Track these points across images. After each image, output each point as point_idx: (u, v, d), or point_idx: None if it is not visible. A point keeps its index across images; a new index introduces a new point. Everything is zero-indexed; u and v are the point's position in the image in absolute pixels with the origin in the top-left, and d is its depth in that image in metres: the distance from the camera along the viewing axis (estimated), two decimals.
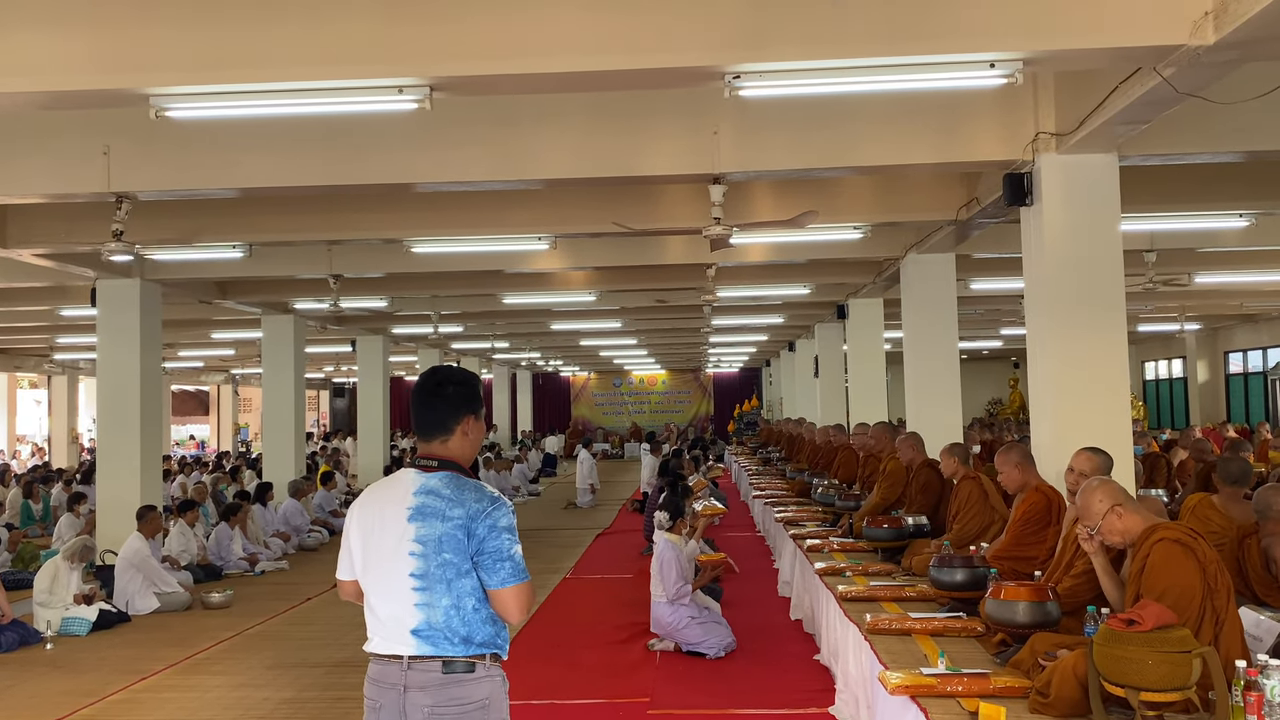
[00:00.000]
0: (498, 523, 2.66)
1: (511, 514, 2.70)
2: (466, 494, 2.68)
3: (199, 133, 6.36)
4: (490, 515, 2.66)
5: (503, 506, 2.69)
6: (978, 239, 9.17)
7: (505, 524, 2.67)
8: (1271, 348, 20.93)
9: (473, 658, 2.67)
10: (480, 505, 2.67)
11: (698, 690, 6.08)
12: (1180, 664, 3.14)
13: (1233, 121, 5.73)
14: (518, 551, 2.67)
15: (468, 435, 2.80)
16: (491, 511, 2.66)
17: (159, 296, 11.13)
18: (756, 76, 4.63)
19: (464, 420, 2.80)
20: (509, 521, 2.68)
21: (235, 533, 11.09)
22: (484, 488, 2.72)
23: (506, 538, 2.65)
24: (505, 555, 2.64)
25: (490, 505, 2.67)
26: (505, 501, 2.71)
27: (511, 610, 2.68)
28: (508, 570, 2.64)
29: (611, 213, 7.80)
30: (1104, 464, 4.76)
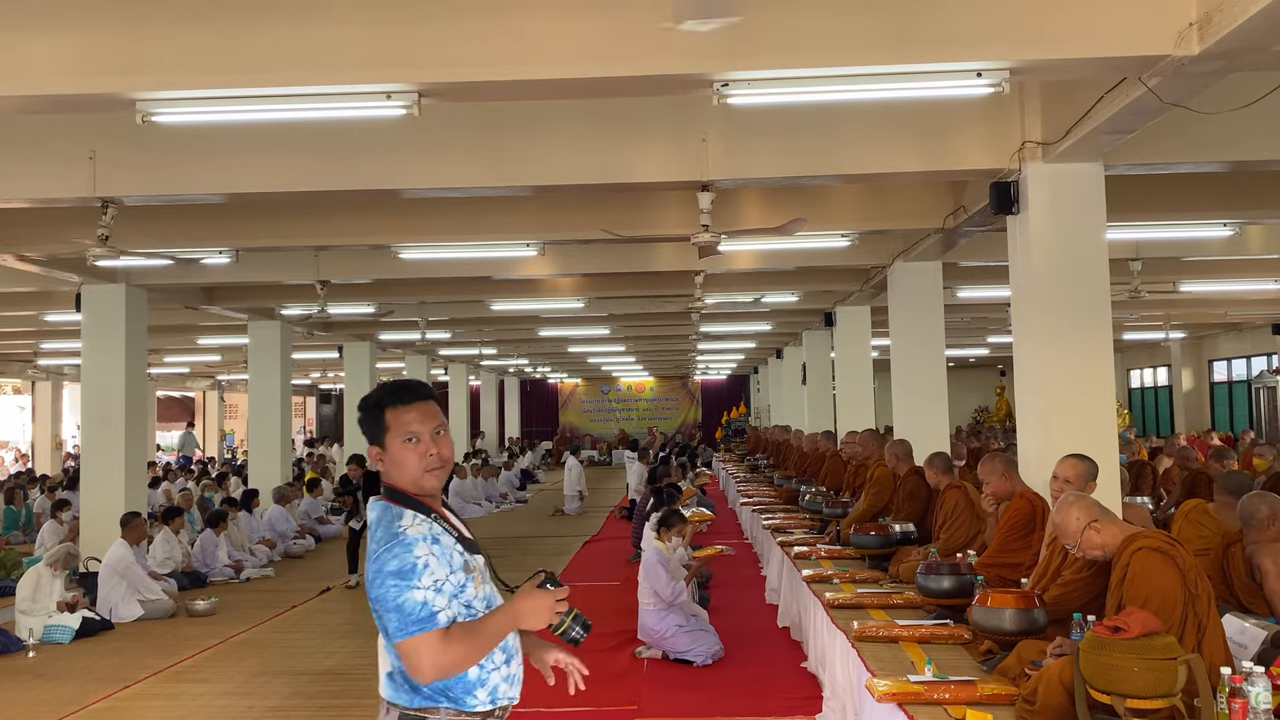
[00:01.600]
0: (383, 566, 2.30)
1: (404, 554, 2.30)
2: (378, 531, 2.38)
3: (185, 137, 6.33)
4: (377, 559, 2.32)
5: (394, 547, 2.31)
6: (964, 247, 9.21)
7: (393, 568, 2.29)
8: (1255, 356, 21.07)
9: (421, 710, 2.38)
10: (374, 547, 2.35)
11: (685, 698, 6.07)
12: (1166, 671, 3.15)
13: (1217, 131, 5.78)
14: (409, 600, 2.27)
15: (381, 462, 2.48)
16: (380, 555, 2.32)
17: (144, 302, 11.06)
18: (745, 85, 4.64)
19: (369, 451, 2.50)
20: (398, 564, 2.29)
21: (220, 540, 11.02)
22: (394, 522, 2.37)
23: (392, 585, 2.28)
24: (390, 605, 2.28)
25: (380, 546, 2.33)
26: (402, 538, 2.32)
27: (413, 668, 2.30)
28: (394, 623, 2.28)
29: (600, 219, 7.80)
30: (1088, 470, 4.78)
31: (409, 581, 2.28)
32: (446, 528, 2.42)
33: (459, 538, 2.43)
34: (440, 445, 2.47)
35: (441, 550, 2.36)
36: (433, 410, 2.49)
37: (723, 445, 27.51)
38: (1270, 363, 20.21)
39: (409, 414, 2.45)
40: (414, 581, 2.29)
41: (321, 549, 13.28)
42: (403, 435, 2.44)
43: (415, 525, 2.35)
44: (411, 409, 2.46)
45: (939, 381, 9.74)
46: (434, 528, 2.38)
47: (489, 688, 2.41)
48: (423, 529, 2.35)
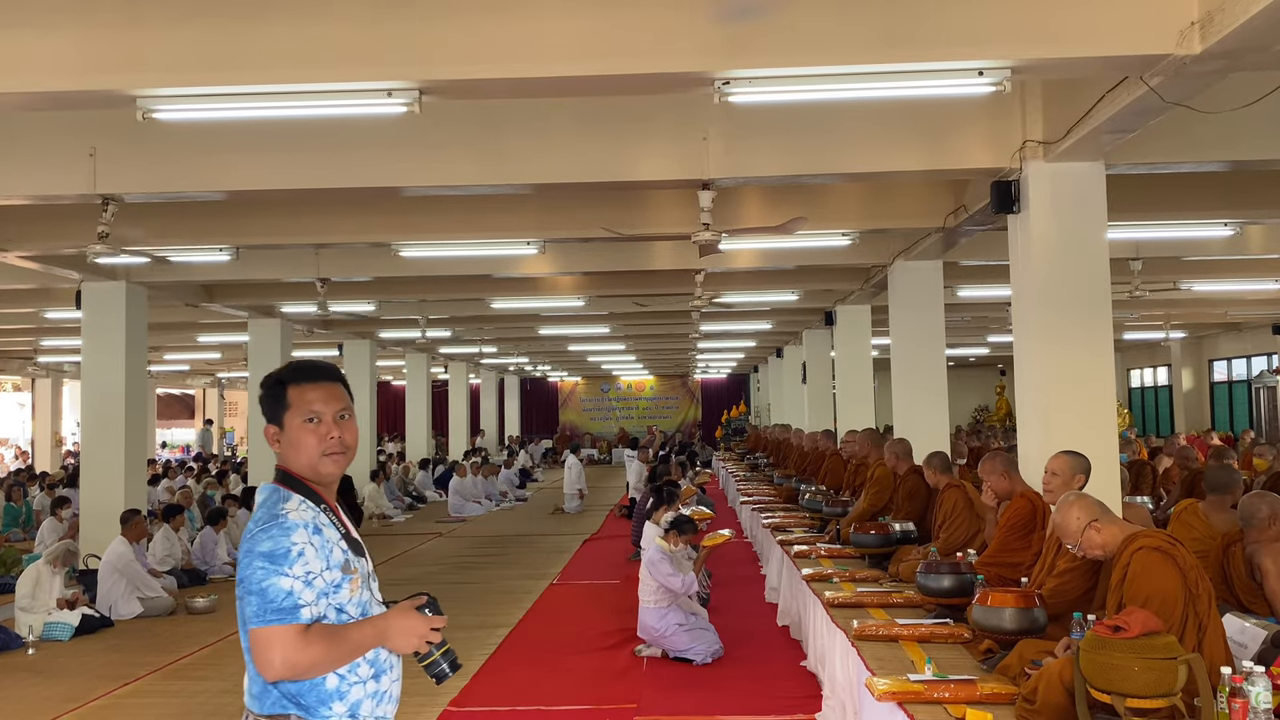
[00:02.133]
0: (255, 546, 2.13)
1: (281, 537, 2.13)
2: (259, 512, 2.22)
3: (186, 135, 6.32)
4: (252, 538, 2.16)
5: (271, 528, 2.14)
6: (965, 246, 9.21)
7: (265, 548, 2.12)
8: (1256, 356, 21.07)
9: (269, 717, 2.16)
10: (250, 526, 2.19)
11: (685, 696, 6.07)
12: (1166, 670, 3.15)
13: (1218, 131, 5.78)
14: (274, 586, 2.09)
15: (277, 444, 2.31)
16: (255, 534, 2.15)
17: (144, 299, 11.06)
18: (746, 83, 4.64)
19: (265, 431, 2.33)
20: (271, 546, 2.12)
21: (220, 537, 11.02)
22: (278, 504, 2.20)
23: (260, 566, 2.11)
24: (254, 587, 2.10)
25: (256, 526, 2.17)
26: (282, 520, 2.16)
27: (261, 661, 2.10)
28: (253, 607, 2.10)
29: (601, 218, 7.80)
30: (1076, 464, 4.76)
31: (279, 566, 2.11)
32: (334, 521, 2.27)
33: (345, 535, 2.28)
34: (343, 430, 2.31)
35: (322, 542, 2.19)
36: (339, 392, 2.34)
37: (722, 444, 27.50)
38: (1270, 362, 20.20)
39: (313, 392, 2.30)
40: (284, 567, 2.11)
41: None
42: (304, 414, 2.28)
43: (299, 510, 2.19)
44: (316, 388, 2.30)
45: (939, 381, 9.73)
46: (319, 517, 2.22)
47: (348, 702, 2.20)
48: (306, 515, 2.19)
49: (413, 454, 21.87)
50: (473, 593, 9.86)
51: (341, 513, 2.32)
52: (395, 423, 29.78)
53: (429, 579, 10.75)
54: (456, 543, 13.72)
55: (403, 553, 12.70)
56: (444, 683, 2.32)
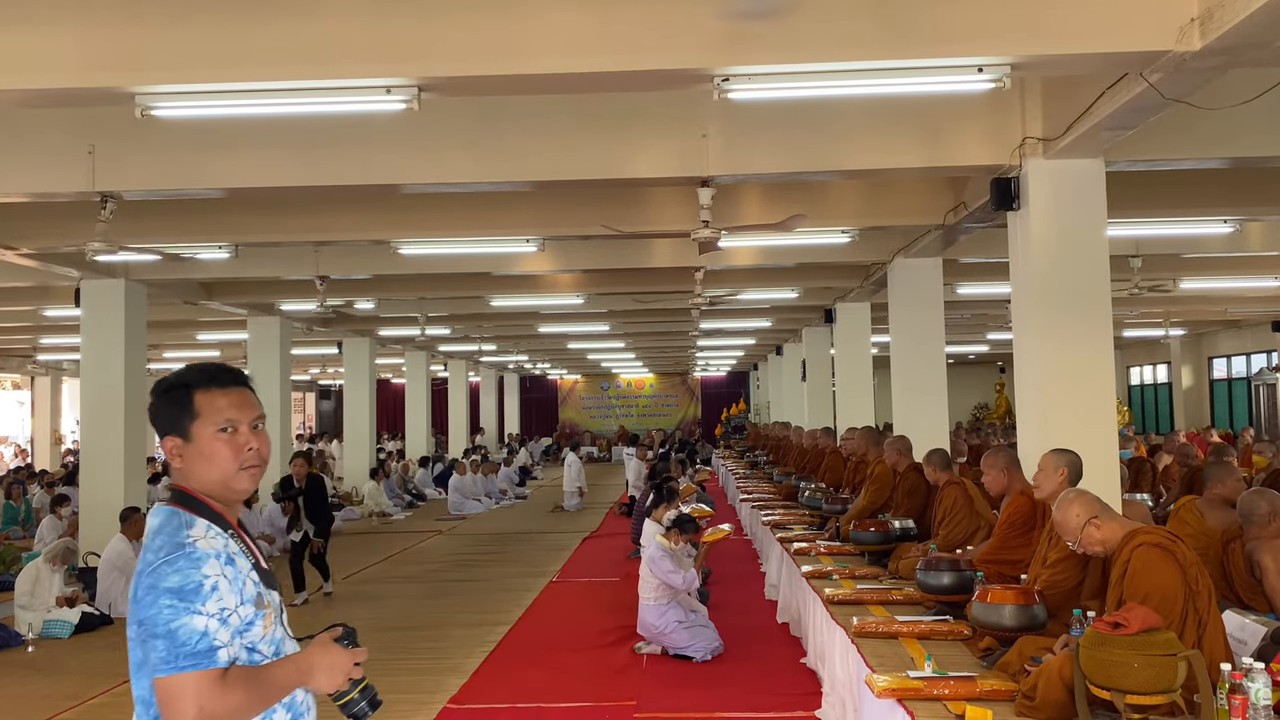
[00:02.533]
0: (160, 581, 1.85)
1: (190, 570, 1.87)
2: (156, 540, 1.93)
3: (185, 132, 6.32)
4: (154, 571, 1.87)
5: (178, 560, 1.87)
6: (965, 244, 9.20)
7: (172, 584, 1.85)
8: (1255, 353, 21.07)
9: None
10: (154, 557, 1.89)
11: (685, 693, 6.07)
12: (1166, 667, 3.15)
13: (1218, 127, 5.78)
14: (186, 626, 1.83)
15: (180, 458, 2.03)
16: (158, 567, 1.87)
17: (144, 297, 11.05)
18: (745, 79, 4.63)
19: (164, 443, 2.05)
20: (180, 580, 1.85)
21: None
22: (180, 530, 1.92)
23: (168, 605, 1.84)
24: (160, 629, 1.83)
25: (158, 557, 1.88)
26: (190, 550, 1.89)
27: (169, 713, 1.83)
28: (161, 652, 1.82)
29: (600, 215, 7.79)
30: (1063, 461, 4.75)
31: (190, 604, 1.84)
32: (244, 549, 2.01)
33: (255, 565, 2.02)
34: (260, 440, 2.08)
35: (235, 574, 1.94)
36: (251, 399, 2.11)
37: (722, 442, 27.50)
38: (1270, 360, 20.20)
39: (224, 399, 2.05)
40: (195, 605, 1.84)
41: None
42: (216, 423, 2.02)
43: (208, 539, 1.93)
44: (228, 393, 2.06)
45: (939, 378, 9.73)
46: (230, 545, 1.97)
47: None
48: (216, 544, 1.94)
49: (412, 452, 21.87)
50: (473, 590, 9.86)
51: (249, 538, 2.07)
52: (395, 421, 29.77)
53: (429, 576, 10.76)
54: (456, 540, 13.72)
55: (402, 550, 12.70)
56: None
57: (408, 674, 6.71)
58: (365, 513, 16.34)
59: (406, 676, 6.65)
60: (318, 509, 9.66)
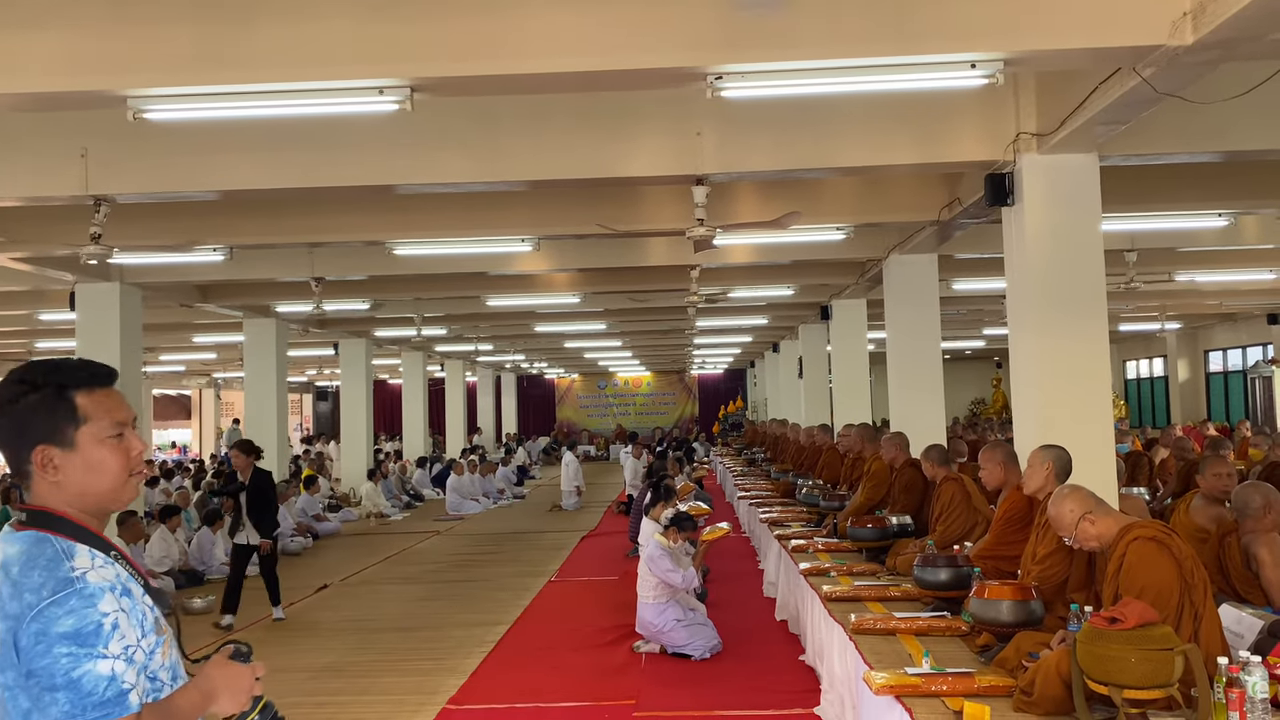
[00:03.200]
0: (51, 626, 1.59)
1: (85, 609, 1.62)
2: (32, 575, 1.64)
3: (178, 134, 6.30)
4: (40, 615, 1.60)
5: (68, 599, 1.61)
6: (960, 239, 9.20)
7: (66, 628, 1.59)
8: (1250, 346, 21.10)
9: None
10: (35, 597, 1.61)
11: (683, 692, 6.07)
12: (1163, 661, 3.15)
13: (1211, 121, 5.78)
14: (90, 674, 1.59)
15: (55, 470, 1.74)
16: (44, 609, 1.60)
17: (139, 300, 11.04)
18: (738, 77, 4.63)
19: (33, 454, 1.74)
20: (75, 623, 1.60)
21: (217, 537, 11.00)
22: (59, 563, 1.65)
23: (65, 652, 1.59)
24: (60, 680, 1.58)
25: (41, 598, 1.61)
26: (80, 587, 1.63)
27: None
28: (64, 705, 1.59)
29: (595, 214, 7.78)
30: (1049, 456, 4.74)
31: (91, 648, 1.60)
32: (132, 572, 1.77)
33: (145, 586, 1.79)
34: (141, 444, 1.86)
35: (132, 605, 1.70)
36: (124, 398, 1.86)
37: (720, 439, 27.51)
38: (1265, 353, 20.24)
39: (109, 400, 1.80)
40: (98, 648, 1.61)
41: (319, 546, 13.28)
42: (106, 429, 1.77)
43: (96, 569, 1.68)
44: (110, 394, 1.81)
45: (935, 374, 9.73)
46: (120, 573, 1.72)
47: None
48: (108, 574, 1.69)
49: (410, 452, 21.86)
50: (471, 590, 9.86)
51: (127, 556, 1.81)
52: (392, 421, 29.75)
53: (428, 577, 10.75)
54: (455, 540, 13.71)
55: (400, 551, 12.69)
56: None
57: (407, 675, 6.71)
58: (363, 514, 16.33)
59: (406, 677, 6.65)
60: (262, 508, 8.47)
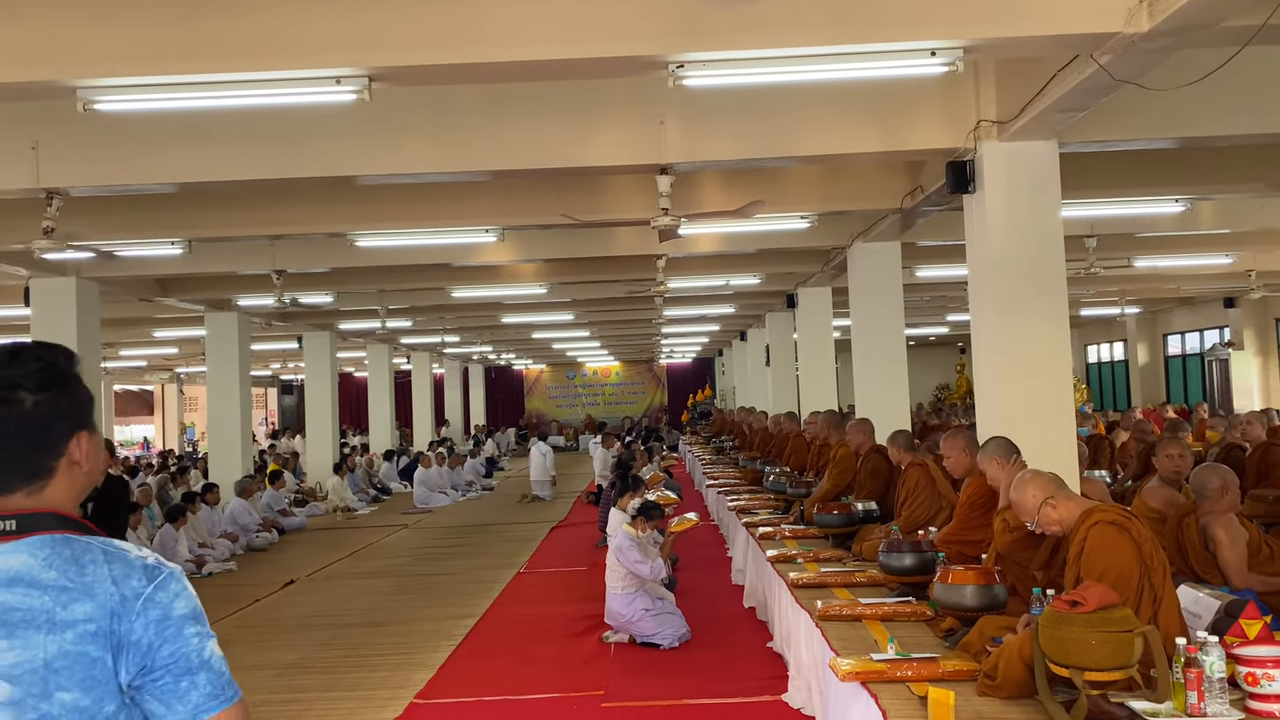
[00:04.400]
0: (171, 609, 1.51)
1: (187, 588, 1.55)
2: (95, 570, 1.49)
3: (132, 126, 6.19)
4: (154, 600, 1.50)
5: (172, 579, 1.53)
6: (923, 227, 9.26)
7: (185, 608, 1.52)
8: (1208, 330, 21.44)
9: None
10: (131, 586, 1.49)
11: (652, 681, 6.08)
12: (1122, 643, 3.19)
13: (1167, 108, 5.84)
14: (215, 654, 1.53)
15: (79, 465, 1.59)
16: (154, 593, 1.50)
17: (96, 295, 10.84)
18: (699, 66, 4.62)
19: (72, 441, 1.58)
20: (190, 603, 1.53)
21: (180, 534, 10.86)
22: (128, 553, 1.53)
23: (193, 631, 1.52)
24: (197, 663, 1.51)
25: (149, 581, 1.51)
26: (172, 569, 1.55)
27: None
28: (204, 688, 1.50)
29: (559, 204, 7.74)
30: (996, 447, 4.78)
31: (206, 627, 1.55)
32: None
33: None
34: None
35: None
36: None
37: (689, 428, 27.56)
38: (1222, 336, 20.58)
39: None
40: (208, 627, 1.55)
41: (285, 541, 13.15)
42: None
43: (158, 555, 1.59)
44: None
45: (899, 360, 9.80)
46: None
47: None
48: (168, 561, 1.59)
49: (377, 446, 21.71)
50: (440, 584, 9.81)
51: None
52: (359, 415, 29.53)
53: (395, 571, 10.69)
54: (422, 534, 13.64)
55: (368, 545, 12.60)
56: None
57: (375, 670, 6.67)
58: (330, 508, 16.20)
59: (374, 672, 6.60)
60: (107, 518, 6.85)
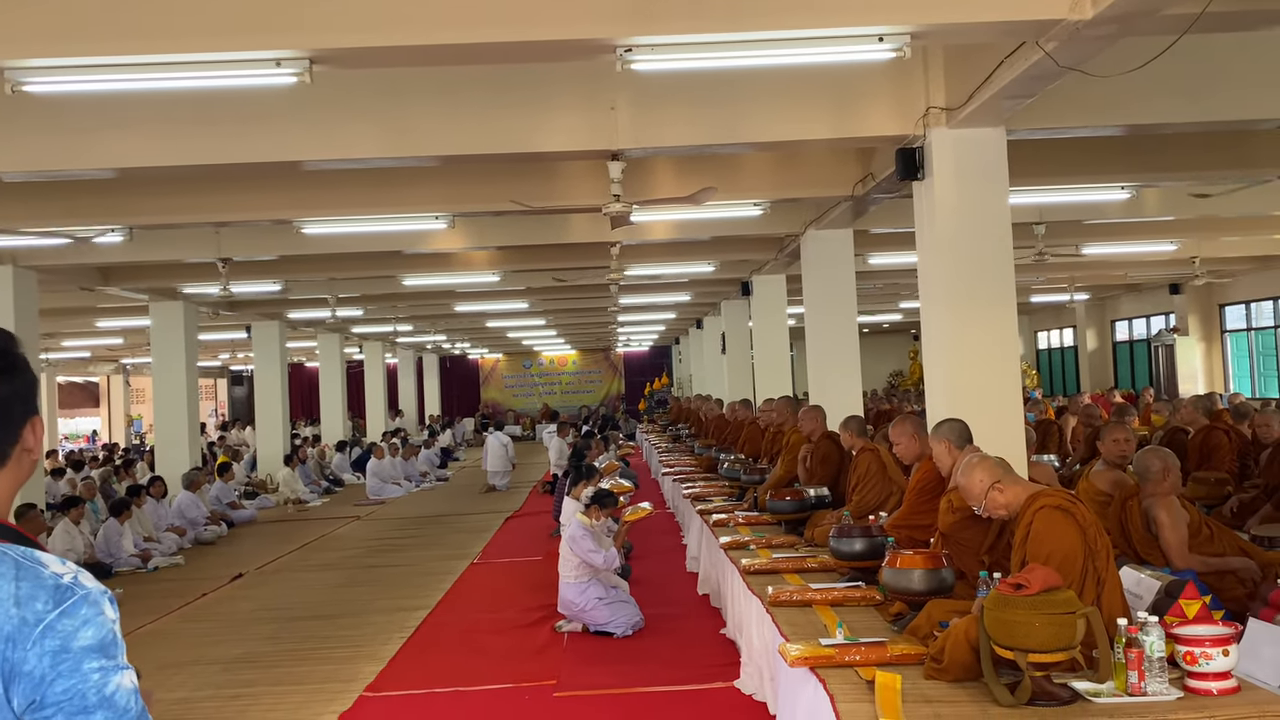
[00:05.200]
0: (72, 640, 1.35)
1: (97, 617, 1.37)
2: (2, 586, 1.36)
3: (67, 108, 6.00)
4: (54, 628, 1.34)
5: (83, 604, 1.37)
6: (876, 214, 9.31)
7: (90, 639, 1.36)
8: (1155, 316, 21.86)
9: None
10: (34, 609, 1.34)
11: (605, 670, 6.06)
12: (1065, 625, 3.22)
13: (1112, 96, 5.90)
14: (121, 689, 1.36)
15: (30, 452, 1.50)
16: (56, 620, 1.34)
17: (34, 284, 10.54)
18: (648, 50, 4.57)
19: (26, 427, 1.49)
20: (99, 632, 1.37)
21: (125, 529, 10.64)
22: (42, 569, 1.38)
23: (94, 666, 1.35)
24: (95, 701, 1.34)
25: (54, 606, 1.35)
26: (88, 591, 1.38)
27: None
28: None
29: (510, 190, 7.65)
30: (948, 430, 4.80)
31: (114, 660, 1.38)
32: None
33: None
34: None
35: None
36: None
37: (646, 416, 27.55)
38: (1168, 321, 20.99)
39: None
40: (118, 659, 1.39)
41: (234, 534, 12.94)
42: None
43: (84, 573, 1.43)
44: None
45: (851, 347, 9.85)
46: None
47: None
48: (92, 580, 1.42)
49: (329, 437, 21.44)
50: (391, 575, 9.71)
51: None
52: (311, 406, 29.15)
53: (347, 563, 10.56)
54: (375, 525, 13.49)
55: (319, 537, 12.43)
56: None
57: (324, 663, 6.57)
58: (280, 500, 15.96)
59: (323, 666, 6.51)
60: None
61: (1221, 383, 19.22)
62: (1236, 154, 7.94)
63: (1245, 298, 18.96)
